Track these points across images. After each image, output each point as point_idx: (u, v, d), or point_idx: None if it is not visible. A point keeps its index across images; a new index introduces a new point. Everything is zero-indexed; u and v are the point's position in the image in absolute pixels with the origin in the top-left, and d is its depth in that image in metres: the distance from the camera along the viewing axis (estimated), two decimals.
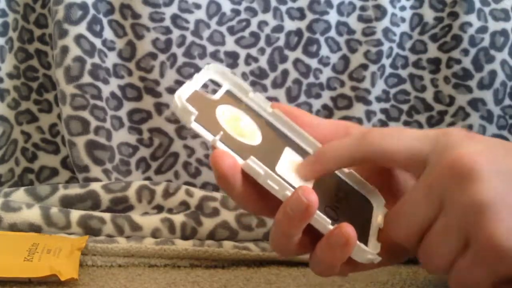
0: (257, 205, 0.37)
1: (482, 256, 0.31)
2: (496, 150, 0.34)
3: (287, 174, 0.36)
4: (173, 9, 0.64)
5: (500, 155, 0.33)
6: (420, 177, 0.34)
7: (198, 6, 0.65)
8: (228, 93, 0.41)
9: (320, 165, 0.37)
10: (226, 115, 0.38)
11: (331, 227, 0.34)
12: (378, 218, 0.38)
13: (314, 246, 0.35)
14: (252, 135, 0.38)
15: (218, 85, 0.41)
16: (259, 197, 0.36)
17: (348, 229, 0.33)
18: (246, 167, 0.34)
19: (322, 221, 0.34)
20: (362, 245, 0.34)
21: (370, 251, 0.34)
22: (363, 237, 0.36)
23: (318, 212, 0.33)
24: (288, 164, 0.37)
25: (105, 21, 0.64)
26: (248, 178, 0.35)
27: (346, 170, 0.40)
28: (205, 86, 0.40)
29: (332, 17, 0.66)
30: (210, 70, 0.40)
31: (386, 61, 0.67)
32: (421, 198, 0.33)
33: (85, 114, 0.62)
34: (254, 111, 0.41)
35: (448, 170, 0.32)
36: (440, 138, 0.35)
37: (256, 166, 0.34)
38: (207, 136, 0.35)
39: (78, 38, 0.62)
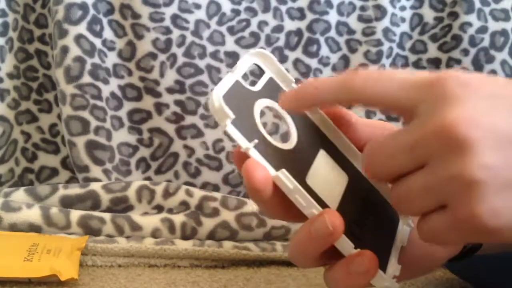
0: (286, 215, 0.35)
1: (461, 227, 0.30)
2: (499, 105, 0.30)
3: (318, 185, 0.35)
4: (173, 9, 0.64)
5: (503, 113, 0.30)
6: (407, 126, 0.32)
7: (198, 6, 0.65)
8: (270, 82, 0.39)
9: (300, 101, 0.35)
10: (264, 111, 0.37)
11: (353, 251, 0.33)
12: (402, 235, 0.37)
13: (332, 259, 0.34)
14: (287, 135, 0.37)
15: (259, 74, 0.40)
16: (288, 207, 0.35)
17: (371, 259, 0.32)
18: (276, 179, 0.33)
19: (345, 245, 0.33)
20: (382, 273, 0.33)
21: (388, 279, 0.33)
22: (384, 257, 0.35)
23: (342, 235, 0.33)
24: (321, 172, 0.36)
25: (105, 21, 0.64)
26: (278, 188, 0.34)
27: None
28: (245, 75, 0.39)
29: (332, 17, 0.66)
30: (254, 55, 0.38)
31: (386, 61, 0.67)
32: (405, 148, 0.31)
33: (85, 114, 0.62)
34: None
35: (436, 136, 0.29)
36: (431, 87, 0.31)
37: (286, 180, 0.33)
38: (242, 142, 0.33)
39: (78, 38, 0.62)
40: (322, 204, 0.34)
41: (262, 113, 0.37)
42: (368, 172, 0.33)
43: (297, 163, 0.35)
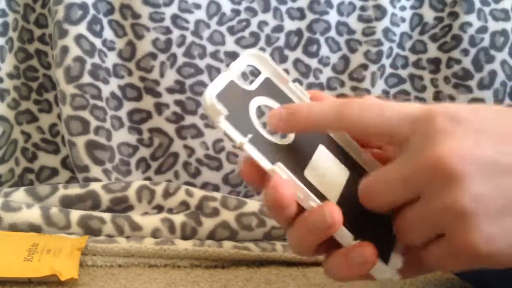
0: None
1: (457, 255, 0.31)
2: (487, 138, 0.31)
3: (316, 178, 0.35)
4: (173, 9, 0.64)
5: (490, 145, 0.31)
6: (398, 158, 0.32)
7: (198, 6, 0.65)
8: (267, 81, 0.39)
9: (290, 124, 0.35)
10: (260, 108, 0.37)
11: (353, 242, 0.33)
12: None
13: (332, 249, 0.34)
14: (284, 135, 0.37)
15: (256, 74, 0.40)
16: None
17: (369, 250, 0.32)
18: (272, 172, 0.34)
19: (344, 236, 0.33)
20: (382, 264, 0.33)
21: (389, 270, 0.34)
22: (387, 249, 0.35)
23: (341, 227, 0.33)
24: (320, 166, 0.36)
25: (105, 21, 0.64)
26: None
27: None
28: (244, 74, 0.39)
29: (332, 17, 0.66)
30: (250, 56, 0.38)
31: (386, 61, 0.67)
32: (397, 183, 0.32)
33: (85, 114, 0.62)
34: (291, 102, 0.39)
35: (427, 169, 0.30)
36: (422, 122, 0.32)
37: (281, 173, 0.33)
38: (236, 137, 0.33)
39: (78, 38, 0.62)
40: (321, 197, 0.34)
41: (262, 112, 0.37)
42: (366, 205, 0.34)
43: (294, 157, 0.36)
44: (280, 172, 0.33)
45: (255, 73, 0.39)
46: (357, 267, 0.33)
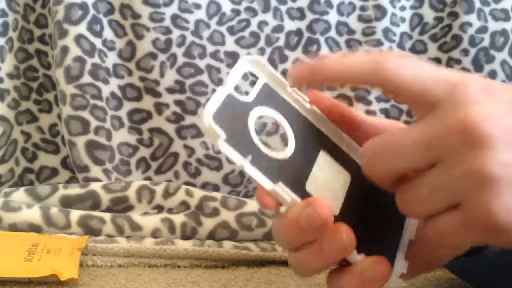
0: None
1: (473, 226, 0.30)
2: None
3: (319, 190, 0.35)
4: (173, 9, 0.64)
5: None
6: (422, 121, 0.31)
7: (198, 6, 0.65)
8: (265, 88, 0.38)
9: (320, 73, 0.34)
10: (260, 121, 0.37)
11: (358, 257, 0.33)
12: (410, 228, 0.36)
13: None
14: (285, 142, 0.37)
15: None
16: None
17: (385, 266, 0.32)
18: (273, 193, 0.34)
19: (354, 255, 0.33)
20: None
21: (395, 279, 0.33)
22: (390, 254, 0.34)
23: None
24: (321, 175, 0.36)
25: (105, 21, 0.64)
26: None
27: None
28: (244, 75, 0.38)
29: (332, 17, 0.66)
30: (246, 63, 0.38)
31: None
32: (417, 146, 0.30)
33: (85, 114, 0.62)
34: (291, 107, 0.38)
35: (458, 131, 0.29)
36: (457, 88, 0.31)
37: (283, 193, 0.33)
38: (236, 159, 0.33)
39: (78, 38, 0.62)
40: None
41: (256, 124, 0.36)
42: (368, 172, 0.32)
43: (295, 171, 0.35)
44: (281, 192, 0.33)
45: (255, 77, 0.39)
46: (371, 283, 0.32)
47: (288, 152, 0.36)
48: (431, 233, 0.31)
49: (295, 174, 0.35)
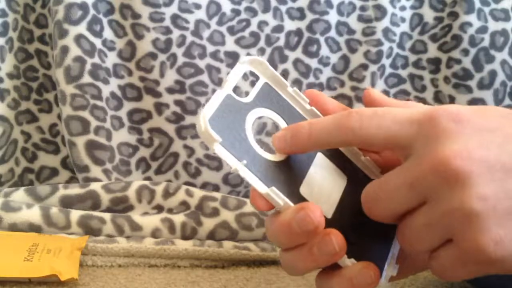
0: None
1: (467, 260, 0.30)
2: (491, 138, 0.30)
3: (313, 194, 0.35)
4: (173, 9, 0.64)
5: (495, 145, 0.30)
6: (403, 164, 0.32)
7: (198, 6, 0.65)
8: (265, 88, 0.38)
9: (297, 145, 0.35)
10: (258, 122, 0.37)
11: (348, 262, 0.33)
12: None
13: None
14: None
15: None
16: None
17: (374, 271, 0.32)
18: (267, 196, 0.34)
19: (343, 261, 0.33)
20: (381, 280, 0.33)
21: (383, 282, 0.34)
22: (382, 257, 0.35)
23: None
24: (317, 178, 0.36)
25: (105, 21, 0.64)
26: None
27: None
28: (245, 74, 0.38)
29: (332, 17, 0.66)
30: (246, 63, 0.38)
31: (386, 61, 0.67)
32: (403, 189, 0.31)
33: (85, 114, 0.62)
34: (290, 108, 0.38)
35: (433, 171, 0.30)
36: (424, 125, 0.31)
37: (276, 197, 0.33)
38: (231, 162, 0.33)
39: (78, 38, 0.62)
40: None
41: (254, 125, 0.36)
42: (371, 216, 0.33)
43: (291, 173, 0.35)
44: (274, 196, 0.33)
45: (255, 77, 0.39)
46: (360, 287, 0.33)
47: (284, 155, 0.36)
48: (435, 268, 0.32)
49: (290, 176, 0.35)
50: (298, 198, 0.34)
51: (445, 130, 0.30)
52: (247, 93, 0.37)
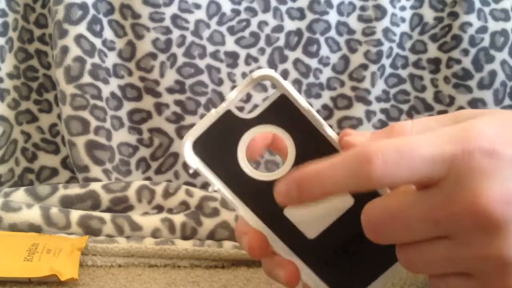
0: None
1: None
2: None
3: (297, 216, 0.34)
4: (173, 9, 0.64)
5: None
6: (424, 195, 0.29)
7: (198, 6, 0.65)
8: (278, 102, 0.34)
9: (303, 199, 0.31)
10: (255, 141, 0.35)
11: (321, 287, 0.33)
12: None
13: None
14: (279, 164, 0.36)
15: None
16: None
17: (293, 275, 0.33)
18: (242, 216, 0.34)
19: (317, 283, 0.34)
20: None
21: None
22: (369, 278, 0.35)
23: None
24: None
25: (105, 21, 0.64)
26: None
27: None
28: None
29: (332, 17, 0.66)
30: (256, 77, 0.34)
31: (386, 61, 0.67)
32: (425, 223, 0.29)
33: (85, 114, 0.62)
34: (304, 124, 0.34)
35: (469, 215, 0.28)
36: (457, 161, 0.28)
37: (249, 220, 0.33)
38: (211, 181, 0.33)
39: (78, 38, 0.62)
40: (296, 236, 0.33)
41: (249, 143, 0.35)
42: (371, 238, 0.31)
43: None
44: (248, 219, 0.33)
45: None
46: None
47: (281, 172, 0.34)
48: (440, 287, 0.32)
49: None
50: (279, 219, 0.33)
51: (479, 167, 0.28)
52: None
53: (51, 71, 0.67)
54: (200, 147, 0.33)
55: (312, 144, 0.34)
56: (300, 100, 0.34)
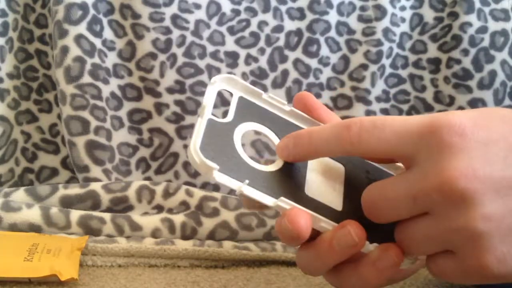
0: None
1: (470, 274, 0.31)
2: (495, 151, 0.30)
3: (319, 192, 0.35)
4: (173, 9, 0.64)
5: (499, 158, 0.30)
6: (405, 174, 0.32)
7: (198, 6, 0.65)
8: (241, 102, 0.38)
9: (298, 154, 0.35)
10: (246, 139, 0.37)
11: (371, 247, 0.33)
12: None
13: (347, 264, 0.35)
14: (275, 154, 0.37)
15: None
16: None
17: (395, 251, 0.33)
18: (278, 208, 0.33)
19: (366, 246, 0.33)
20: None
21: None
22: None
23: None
24: (317, 176, 0.36)
25: (105, 21, 0.64)
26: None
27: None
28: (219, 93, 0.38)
29: (332, 17, 0.66)
30: (218, 83, 0.38)
31: (386, 61, 0.67)
32: (405, 200, 0.31)
33: (85, 114, 0.62)
34: (270, 114, 0.39)
35: (438, 190, 0.30)
36: (426, 137, 0.31)
37: (286, 206, 0.33)
38: (234, 185, 0.33)
39: (78, 38, 0.62)
40: (328, 210, 0.34)
41: (243, 144, 0.36)
42: (371, 218, 0.34)
43: (292, 178, 0.35)
44: (285, 206, 0.33)
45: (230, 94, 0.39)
46: (386, 270, 0.33)
47: (279, 163, 0.36)
48: (433, 270, 0.33)
49: (292, 181, 0.35)
50: (307, 200, 0.34)
51: (449, 144, 0.30)
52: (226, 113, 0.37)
53: (51, 71, 0.67)
54: (206, 155, 0.33)
55: (285, 129, 0.38)
56: (255, 96, 0.39)
